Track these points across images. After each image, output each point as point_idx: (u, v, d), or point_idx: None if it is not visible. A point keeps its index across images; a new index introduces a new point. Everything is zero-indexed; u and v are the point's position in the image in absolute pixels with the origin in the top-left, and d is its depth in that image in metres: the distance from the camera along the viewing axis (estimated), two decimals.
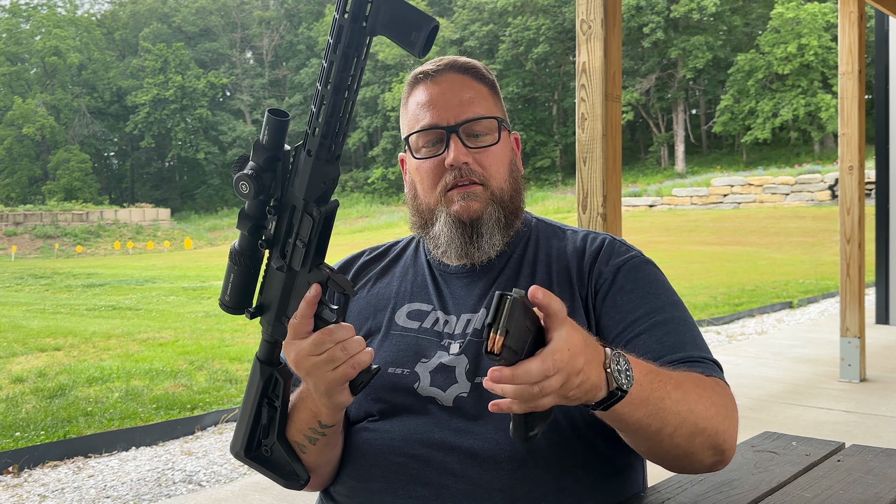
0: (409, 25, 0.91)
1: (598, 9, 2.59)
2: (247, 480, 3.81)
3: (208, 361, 7.05)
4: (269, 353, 1.13)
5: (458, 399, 1.19)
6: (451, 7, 50.22)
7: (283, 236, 1.04)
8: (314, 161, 0.98)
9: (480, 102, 1.28)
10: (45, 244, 33.20)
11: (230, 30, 59.48)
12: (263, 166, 1.00)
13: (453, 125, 1.25)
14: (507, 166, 1.30)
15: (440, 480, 1.15)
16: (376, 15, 0.91)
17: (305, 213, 1.01)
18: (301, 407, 1.17)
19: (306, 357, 1.05)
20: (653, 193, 31.07)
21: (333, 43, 0.92)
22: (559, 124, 45.95)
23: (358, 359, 1.06)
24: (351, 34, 0.91)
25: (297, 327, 1.05)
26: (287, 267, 1.05)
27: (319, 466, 1.21)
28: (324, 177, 0.99)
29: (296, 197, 1.01)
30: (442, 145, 1.26)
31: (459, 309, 1.28)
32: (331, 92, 0.94)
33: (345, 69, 0.93)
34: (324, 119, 0.95)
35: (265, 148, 1.00)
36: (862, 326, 5.30)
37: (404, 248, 1.43)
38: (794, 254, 17.41)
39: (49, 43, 52.27)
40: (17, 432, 4.83)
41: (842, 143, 5.36)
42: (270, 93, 57.79)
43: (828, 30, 36.47)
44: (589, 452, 1.18)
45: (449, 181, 1.26)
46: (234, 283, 1.09)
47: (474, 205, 1.26)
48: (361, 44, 0.92)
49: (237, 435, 1.18)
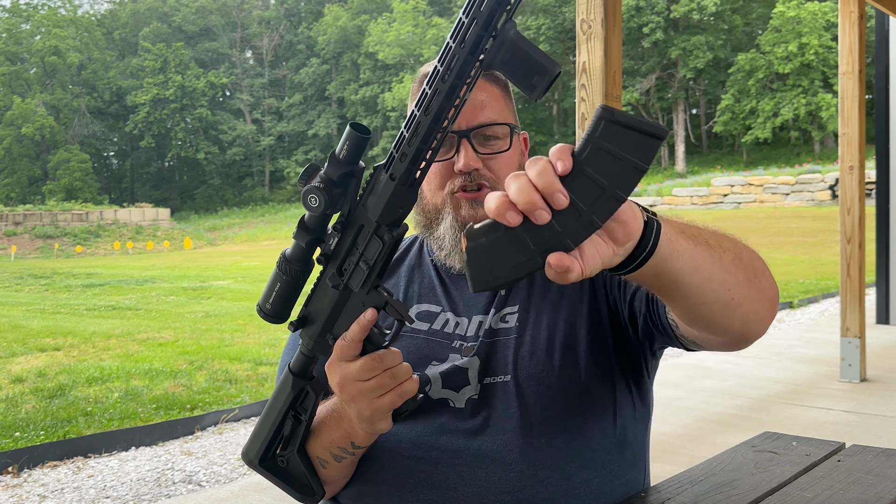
0: (532, 68, 0.86)
1: (598, 9, 2.59)
2: (247, 480, 3.81)
3: (208, 361, 7.05)
4: (304, 367, 1.10)
5: (470, 401, 1.19)
6: (450, 7, 50.22)
7: (343, 254, 1.01)
8: (396, 185, 0.95)
9: (493, 106, 1.25)
10: (45, 244, 33.19)
11: (230, 29, 59.47)
12: (336, 181, 0.97)
13: (465, 130, 1.23)
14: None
15: (449, 483, 1.15)
16: (497, 51, 0.87)
17: (376, 235, 0.98)
18: (332, 425, 1.14)
19: (353, 382, 1.02)
20: (653, 193, 31.07)
21: (443, 71, 0.88)
22: (559, 124, 45.96)
23: (405, 387, 1.03)
24: (463, 65, 0.87)
25: (346, 349, 1.02)
26: (343, 286, 1.02)
27: (335, 481, 1.20)
28: (401, 202, 0.96)
29: (367, 218, 0.98)
30: (452, 149, 1.24)
31: (470, 311, 1.27)
32: (429, 121, 0.91)
33: (449, 99, 0.90)
34: (415, 147, 0.92)
35: (341, 163, 0.97)
36: (862, 326, 5.30)
37: (408, 248, 1.41)
38: (794, 254, 17.41)
39: (49, 43, 52.26)
40: (17, 432, 4.83)
41: (842, 143, 5.36)
42: (270, 92, 57.78)
43: (828, 29, 36.46)
44: (596, 454, 1.18)
45: (457, 185, 1.24)
46: (278, 292, 1.05)
47: (482, 212, 1.23)
48: (471, 77, 0.89)
49: (254, 442, 1.15)
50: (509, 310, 1.25)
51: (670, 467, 2.84)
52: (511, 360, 1.20)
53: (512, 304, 1.26)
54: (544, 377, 1.17)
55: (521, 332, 1.22)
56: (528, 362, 1.19)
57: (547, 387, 1.17)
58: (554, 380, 1.17)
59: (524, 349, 1.20)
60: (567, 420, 1.17)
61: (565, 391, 1.17)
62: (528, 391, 1.17)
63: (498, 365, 1.20)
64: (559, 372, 1.18)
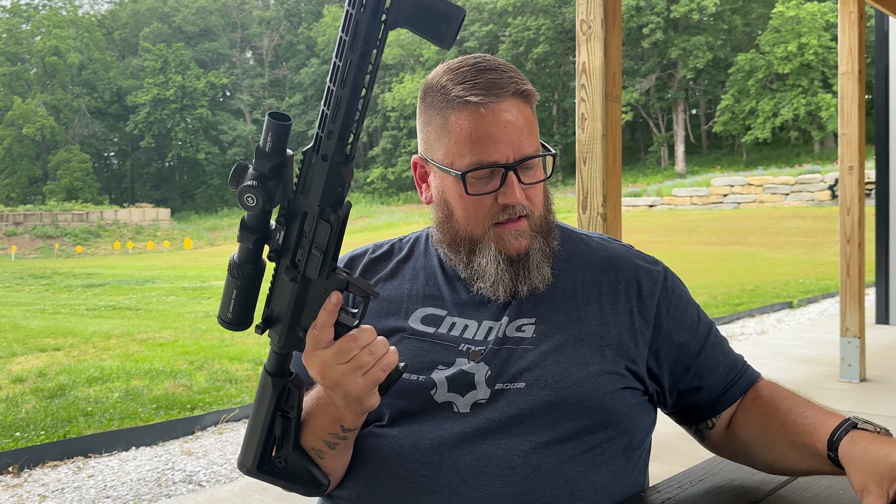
0: (436, 17, 0.85)
1: (598, 9, 2.59)
2: (247, 481, 3.81)
3: (208, 361, 7.06)
4: (280, 366, 1.08)
5: (476, 405, 1.17)
6: None
7: (294, 245, 0.99)
8: (330, 165, 0.93)
9: (532, 132, 1.20)
10: (45, 244, 33.21)
11: (230, 30, 59.49)
12: (268, 174, 0.94)
13: (512, 164, 1.18)
14: (544, 192, 1.27)
15: (450, 487, 1.13)
16: (398, 8, 0.85)
17: (321, 219, 0.96)
18: (319, 413, 1.13)
19: (333, 367, 1.01)
20: (653, 193, 31.10)
21: (349, 40, 0.87)
22: (559, 124, 45.97)
23: (386, 360, 1.03)
24: (369, 29, 0.86)
25: (319, 337, 1.01)
26: (301, 276, 1.00)
27: (335, 470, 1.19)
28: (340, 181, 0.95)
29: (309, 204, 0.96)
30: (493, 180, 1.19)
31: (481, 315, 1.25)
32: (347, 93, 0.89)
33: (361, 67, 0.88)
34: (340, 122, 0.91)
35: (269, 155, 0.94)
36: (862, 326, 5.30)
37: (411, 247, 1.38)
38: (794, 254, 17.41)
39: (49, 43, 52.28)
40: (17, 432, 4.83)
41: (842, 143, 5.36)
42: (270, 93, 57.80)
43: (828, 29, 36.47)
44: (601, 457, 1.17)
45: (501, 218, 1.21)
46: (236, 299, 1.02)
47: (524, 242, 1.22)
48: (380, 39, 0.87)
49: (247, 451, 1.13)
50: (526, 321, 1.23)
51: (670, 467, 2.84)
52: (527, 368, 1.18)
53: (529, 315, 1.24)
54: (560, 387, 1.16)
55: (539, 342, 1.20)
56: (545, 372, 1.17)
57: (562, 396, 1.16)
58: (570, 390, 1.16)
59: (542, 359, 1.19)
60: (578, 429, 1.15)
61: (581, 401, 1.16)
62: (542, 399, 1.15)
63: (513, 372, 1.18)
64: (576, 383, 1.17)
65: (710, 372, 1.30)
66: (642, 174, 40.31)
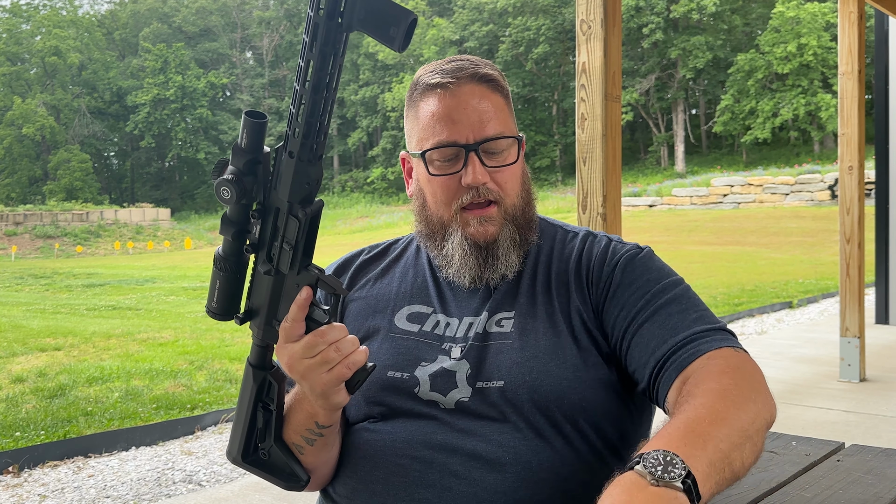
0: (387, 20, 0.89)
1: (598, 9, 2.59)
2: (247, 480, 3.81)
3: (208, 361, 7.06)
4: (260, 358, 1.12)
5: (460, 403, 1.17)
6: (450, 7, 50.21)
7: (268, 240, 1.03)
8: (296, 162, 0.97)
9: (498, 117, 1.23)
10: (45, 244, 33.20)
11: (230, 30, 59.48)
12: (244, 170, 0.98)
13: (472, 143, 1.21)
14: (520, 181, 1.27)
15: (443, 483, 1.14)
16: (352, 11, 0.89)
17: (290, 215, 1.00)
18: (297, 409, 1.15)
19: (300, 360, 1.04)
20: (653, 193, 31.09)
21: (309, 41, 0.91)
22: (559, 124, 45.95)
23: (352, 359, 1.05)
24: (327, 31, 0.90)
25: (289, 331, 1.04)
26: (275, 270, 1.04)
27: (318, 467, 1.20)
28: (307, 178, 0.98)
29: (279, 199, 1.00)
30: (458, 162, 1.22)
31: (462, 311, 1.26)
32: (309, 91, 0.92)
33: (322, 68, 0.92)
34: (304, 119, 0.94)
35: (244, 151, 0.98)
36: (862, 326, 5.30)
37: (405, 247, 1.40)
38: (793, 254, 17.41)
39: (49, 43, 52.28)
40: (17, 432, 4.83)
41: (841, 143, 5.36)
42: (270, 93, 57.78)
43: (827, 29, 36.46)
44: (594, 457, 1.17)
45: (465, 201, 1.22)
46: (220, 290, 1.07)
47: (491, 228, 1.23)
48: (338, 41, 0.91)
49: (233, 440, 1.17)
50: (505, 315, 1.23)
51: None
52: (505, 365, 1.18)
53: (508, 308, 1.24)
54: (539, 385, 1.16)
55: (517, 337, 1.20)
56: (522, 369, 1.17)
57: (541, 394, 1.15)
58: (549, 387, 1.16)
59: (520, 355, 1.18)
60: (562, 426, 1.15)
61: (560, 399, 1.15)
62: (522, 397, 1.15)
63: (491, 370, 1.18)
64: (554, 380, 1.16)
65: (642, 347, 1.15)
66: (642, 174, 40.30)
